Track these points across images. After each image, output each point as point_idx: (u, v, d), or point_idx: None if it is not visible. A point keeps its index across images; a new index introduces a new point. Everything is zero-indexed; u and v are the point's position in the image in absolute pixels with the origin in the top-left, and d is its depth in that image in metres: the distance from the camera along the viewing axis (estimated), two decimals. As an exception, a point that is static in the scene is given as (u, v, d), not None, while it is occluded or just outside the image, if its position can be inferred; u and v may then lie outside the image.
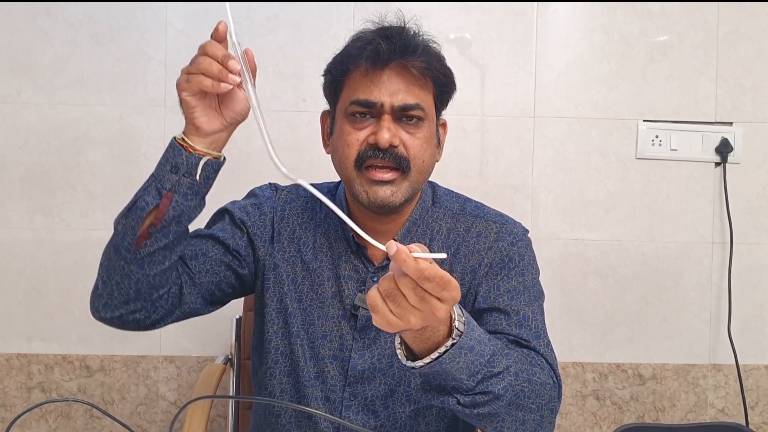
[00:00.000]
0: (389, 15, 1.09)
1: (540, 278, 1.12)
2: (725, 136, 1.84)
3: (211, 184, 0.96)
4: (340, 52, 1.08)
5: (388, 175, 1.03)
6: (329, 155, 1.12)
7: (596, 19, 1.85)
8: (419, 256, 0.69)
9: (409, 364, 0.80)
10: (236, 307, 1.69)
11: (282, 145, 1.81)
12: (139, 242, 0.93)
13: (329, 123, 1.12)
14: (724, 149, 1.84)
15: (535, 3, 1.84)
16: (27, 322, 1.83)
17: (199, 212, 0.97)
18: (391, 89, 1.02)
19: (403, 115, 1.03)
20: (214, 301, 1.12)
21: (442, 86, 1.08)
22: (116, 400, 1.84)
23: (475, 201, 1.17)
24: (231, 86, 0.86)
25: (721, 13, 1.84)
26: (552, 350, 1.03)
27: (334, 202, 1.15)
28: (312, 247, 1.13)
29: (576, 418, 1.88)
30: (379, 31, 1.05)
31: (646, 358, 1.87)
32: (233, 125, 0.94)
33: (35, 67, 1.81)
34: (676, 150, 1.85)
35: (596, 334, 1.88)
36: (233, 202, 1.17)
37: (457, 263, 1.09)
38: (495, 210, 1.16)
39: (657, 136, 1.85)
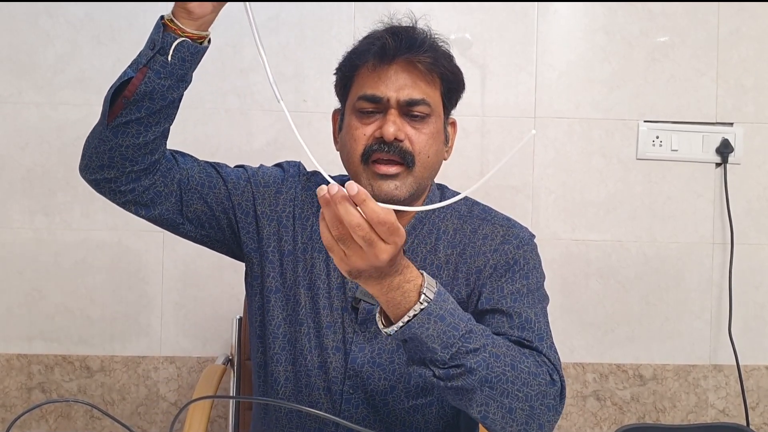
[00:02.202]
0: (399, 14, 1.10)
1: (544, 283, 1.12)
2: (726, 137, 1.84)
3: (191, 67, 0.98)
4: (351, 50, 1.10)
5: (393, 169, 1.03)
6: (338, 152, 1.13)
7: (597, 19, 1.85)
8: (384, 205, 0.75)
9: (385, 330, 0.85)
10: (236, 307, 1.69)
11: (282, 145, 1.81)
12: (115, 112, 0.98)
13: (339, 120, 1.13)
14: (724, 150, 1.84)
15: (536, 3, 1.84)
16: (28, 323, 1.83)
17: (177, 93, 1.00)
18: (398, 84, 1.03)
19: (410, 110, 1.04)
20: (201, 235, 1.13)
21: (450, 83, 1.09)
22: (116, 400, 1.84)
23: (483, 204, 1.18)
24: None
25: (721, 14, 1.84)
26: (556, 352, 1.03)
27: None
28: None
29: (577, 418, 1.88)
30: (389, 29, 1.07)
31: (647, 358, 1.87)
32: (223, 4, 0.97)
33: (36, 68, 1.81)
34: (676, 150, 1.85)
35: (597, 334, 1.88)
36: (260, 167, 1.19)
37: (462, 264, 1.09)
38: (503, 214, 1.17)
39: (658, 137, 1.85)
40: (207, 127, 1.82)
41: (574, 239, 1.86)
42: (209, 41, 0.99)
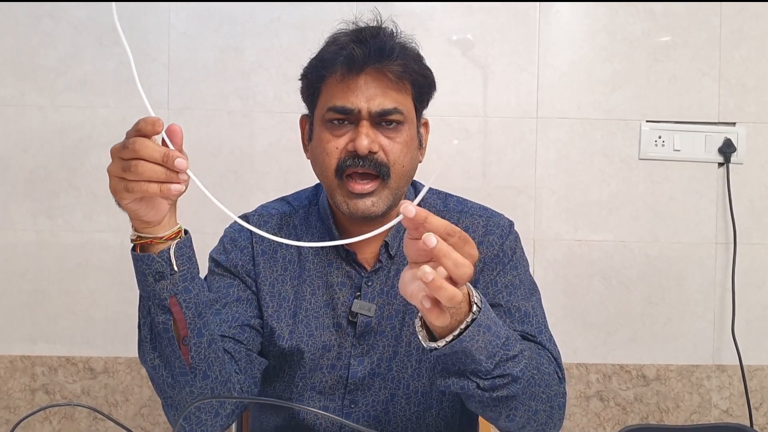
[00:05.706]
0: (365, 14, 1.07)
1: (542, 279, 1.12)
2: (728, 137, 1.84)
3: (195, 259, 0.89)
4: (315, 56, 1.07)
5: (368, 186, 1.01)
6: (309, 160, 1.10)
7: (599, 20, 1.85)
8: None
9: (432, 345, 0.79)
10: (239, 308, 1.69)
11: (285, 147, 1.82)
12: (187, 360, 0.89)
13: (308, 128, 1.11)
14: (727, 150, 1.84)
15: (538, 4, 1.84)
16: (31, 324, 1.83)
17: (205, 288, 0.92)
18: (368, 94, 1.00)
19: (382, 119, 1.01)
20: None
21: (421, 87, 1.06)
22: (120, 402, 1.84)
23: (456, 196, 1.16)
24: (184, 189, 0.77)
25: (723, 14, 1.84)
26: (555, 345, 1.04)
27: (318, 211, 1.14)
28: (297, 261, 1.11)
29: (580, 419, 1.88)
30: (354, 34, 1.03)
31: (650, 359, 1.87)
32: (176, 198, 0.85)
33: (39, 70, 1.81)
34: (679, 150, 1.85)
35: (600, 335, 1.87)
36: (213, 251, 1.14)
37: None
38: (478, 203, 1.16)
39: (660, 137, 1.85)
40: (209, 129, 1.82)
41: (576, 240, 1.86)
42: (185, 231, 0.88)
